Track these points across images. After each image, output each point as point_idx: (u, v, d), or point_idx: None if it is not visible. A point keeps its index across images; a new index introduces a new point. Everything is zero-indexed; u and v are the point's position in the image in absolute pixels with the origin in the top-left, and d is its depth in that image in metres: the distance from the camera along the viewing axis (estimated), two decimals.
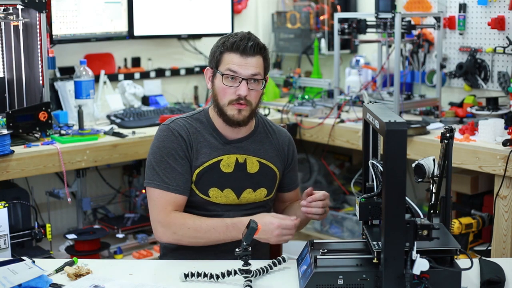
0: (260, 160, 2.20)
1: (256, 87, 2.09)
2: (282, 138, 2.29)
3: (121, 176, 3.87)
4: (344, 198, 4.13)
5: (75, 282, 1.81)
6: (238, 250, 1.77)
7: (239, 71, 2.06)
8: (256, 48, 2.07)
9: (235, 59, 2.07)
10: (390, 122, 1.54)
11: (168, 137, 2.13)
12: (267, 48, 2.14)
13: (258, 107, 2.18)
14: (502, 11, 3.43)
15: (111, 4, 3.66)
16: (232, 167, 2.16)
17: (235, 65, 2.06)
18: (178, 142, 2.12)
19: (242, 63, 2.06)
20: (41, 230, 2.77)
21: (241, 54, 2.06)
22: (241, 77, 2.06)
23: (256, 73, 2.08)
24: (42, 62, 3.07)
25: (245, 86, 2.06)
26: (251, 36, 2.10)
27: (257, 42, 2.09)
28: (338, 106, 3.65)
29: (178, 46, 4.18)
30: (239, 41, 2.07)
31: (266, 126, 2.28)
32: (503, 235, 2.82)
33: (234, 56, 2.07)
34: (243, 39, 2.07)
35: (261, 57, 2.10)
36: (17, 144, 2.93)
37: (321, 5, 4.29)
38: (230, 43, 2.08)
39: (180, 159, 2.11)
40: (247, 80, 2.07)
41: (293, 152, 2.32)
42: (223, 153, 2.16)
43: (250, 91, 2.08)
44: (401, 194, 1.55)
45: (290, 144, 2.30)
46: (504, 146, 2.79)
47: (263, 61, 2.10)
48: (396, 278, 1.58)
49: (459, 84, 3.72)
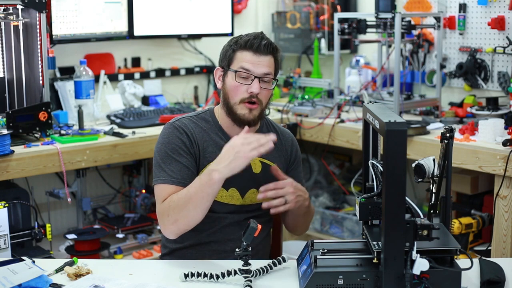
0: (263, 160, 2.19)
1: (267, 86, 2.10)
2: (286, 138, 2.29)
3: (121, 176, 3.87)
4: (344, 198, 4.13)
5: (75, 282, 1.81)
6: (238, 250, 1.77)
7: (252, 69, 2.07)
8: (269, 48, 2.09)
9: (248, 57, 2.08)
10: (390, 122, 1.54)
11: (173, 134, 2.12)
12: (279, 49, 2.16)
13: (267, 108, 2.19)
14: (502, 11, 3.43)
15: (111, 4, 3.66)
16: None
17: (248, 63, 2.07)
18: (183, 137, 2.11)
19: (255, 61, 2.07)
20: (41, 230, 2.77)
21: (254, 52, 2.07)
22: (254, 75, 2.07)
23: (268, 72, 2.09)
24: (42, 62, 3.07)
25: (257, 84, 2.07)
26: (264, 36, 2.12)
27: (270, 42, 2.11)
28: (338, 106, 3.65)
29: (178, 46, 4.18)
30: (252, 39, 2.08)
31: (270, 127, 2.29)
32: (503, 235, 2.82)
33: (248, 54, 2.08)
34: (256, 38, 2.09)
35: (273, 57, 2.11)
36: (17, 144, 2.93)
37: (321, 5, 4.29)
38: (244, 41, 2.09)
39: (185, 154, 2.09)
40: (260, 78, 2.08)
41: (296, 152, 2.31)
42: None
43: (261, 89, 2.08)
44: (401, 194, 1.55)
45: (293, 145, 2.31)
46: (504, 146, 2.79)
47: (274, 62, 2.12)
48: (396, 278, 1.58)
49: (459, 84, 3.72)
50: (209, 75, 4.27)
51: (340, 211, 3.99)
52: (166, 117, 3.37)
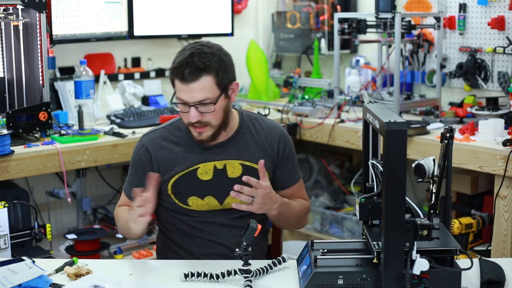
0: (244, 162, 2.12)
1: (207, 109, 1.99)
2: (272, 135, 2.18)
3: (121, 176, 3.87)
4: (344, 198, 4.13)
5: (75, 282, 1.81)
6: (238, 250, 1.77)
7: (185, 99, 1.98)
8: (196, 73, 1.95)
9: (179, 86, 1.98)
10: (390, 122, 1.54)
11: (137, 149, 2.19)
12: (217, 58, 1.98)
13: (227, 120, 2.07)
14: (502, 11, 3.43)
15: (111, 4, 3.66)
16: (211, 174, 2.11)
17: (182, 92, 1.98)
18: (143, 155, 2.15)
19: (187, 89, 1.97)
20: (41, 230, 2.77)
21: (183, 82, 1.97)
22: (189, 104, 1.98)
23: (203, 98, 1.97)
24: (42, 62, 3.07)
25: (194, 112, 1.98)
26: (191, 60, 1.96)
27: (196, 65, 1.95)
28: (338, 106, 3.65)
29: (178, 46, 4.17)
30: (178, 67, 1.97)
31: (255, 124, 2.18)
32: (503, 235, 2.82)
33: (178, 83, 1.98)
34: (182, 65, 1.96)
35: (207, 77, 1.97)
36: (17, 144, 2.93)
37: (321, 5, 4.29)
38: (172, 68, 2.00)
39: (140, 171, 2.14)
40: (196, 105, 1.99)
41: (285, 148, 2.19)
42: (199, 161, 2.11)
43: (203, 114, 2.00)
44: (401, 194, 1.55)
45: (281, 141, 2.18)
46: (504, 146, 2.79)
47: (212, 79, 1.97)
48: (396, 278, 1.58)
49: (459, 84, 3.72)
50: None
51: (340, 211, 3.99)
52: (166, 117, 3.36)
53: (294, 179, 2.23)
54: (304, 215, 2.27)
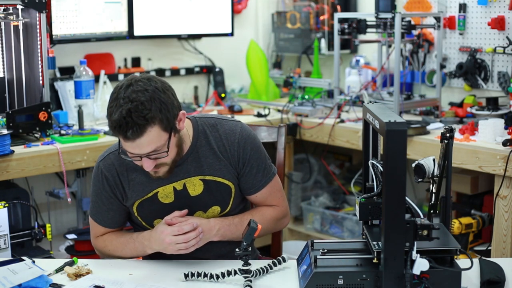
0: (204, 178, 2.02)
1: (160, 156, 1.87)
2: (230, 142, 2.03)
3: None
4: (344, 198, 4.13)
5: (75, 282, 1.81)
6: (238, 250, 1.77)
7: (134, 152, 1.85)
8: (139, 131, 1.78)
9: (125, 143, 1.84)
10: (390, 122, 1.53)
11: (96, 177, 2.06)
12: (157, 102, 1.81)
13: (181, 149, 1.96)
14: (502, 11, 3.43)
15: (111, 4, 3.66)
16: (172, 196, 2.02)
17: (129, 148, 1.85)
18: (104, 183, 2.04)
19: (134, 146, 1.83)
20: (41, 230, 2.77)
21: (127, 140, 1.82)
22: (139, 156, 1.86)
23: (153, 150, 1.84)
24: (42, 62, 3.07)
25: (147, 162, 1.87)
26: (131, 117, 1.77)
27: (138, 124, 1.77)
28: (338, 106, 3.65)
29: (178, 46, 4.18)
30: (118, 127, 1.79)
31: (212, 132, 2.04)
32: (503, 235, 2.82)
33: (123, 141, 1.84)
34: (121, 125, 1.78)
35: (152, 128, 1.80)
36: (17, 144, 2.93)
37: (321, 5, 4.29)
38: (111, 126, 1.82)
39: (105, 199, 2.06)
40: (148, 155, 1.86)
41: (245, 153, 2.04)
42: (157, 185, 2.01)
43: (156, 160, 1.88)
44: (401, 194, 1.55)
45: (240, 147, 2.03)
46: (504, 146, 2.79)
47: (157, 128, 1.81)
48: (396, 278, 1.58)
49: (459, 84, 3.72)
50: (209, 75, 4.27)
51: (340, 211, 3.99)
52: None
53: (262, 184, 2.08)
54: (272, 225, 2.13)
